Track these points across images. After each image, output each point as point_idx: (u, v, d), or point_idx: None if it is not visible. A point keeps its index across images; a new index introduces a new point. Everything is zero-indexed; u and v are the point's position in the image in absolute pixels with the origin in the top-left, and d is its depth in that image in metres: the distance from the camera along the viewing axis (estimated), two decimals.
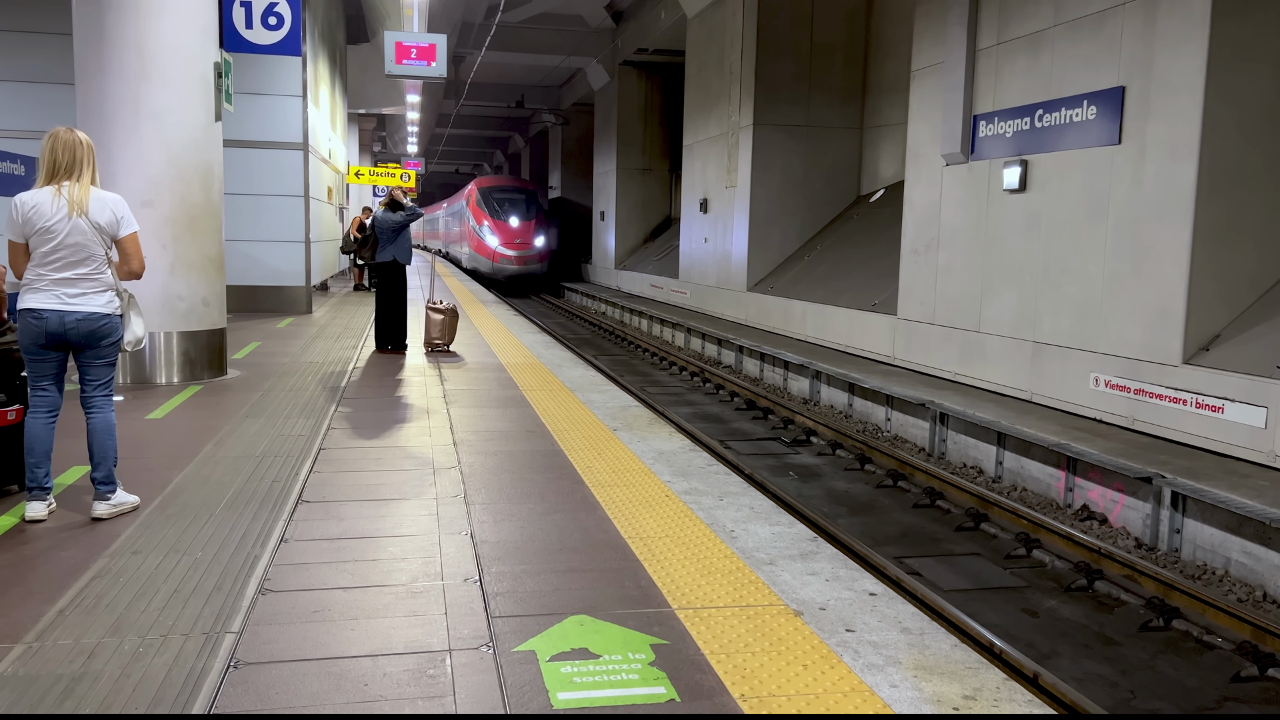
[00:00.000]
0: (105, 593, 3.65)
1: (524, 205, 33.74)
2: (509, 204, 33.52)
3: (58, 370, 4.62)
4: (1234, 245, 8.35)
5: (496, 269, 32.66)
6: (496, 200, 33.61)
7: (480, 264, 33.97)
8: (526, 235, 32.95)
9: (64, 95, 10.40)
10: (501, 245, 32.50)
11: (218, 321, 8.71)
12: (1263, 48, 8.17)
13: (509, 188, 35.04)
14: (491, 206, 33.39)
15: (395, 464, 5.75)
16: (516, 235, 32.73)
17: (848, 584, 3.90)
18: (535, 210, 33.79)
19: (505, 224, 32.76)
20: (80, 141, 4.54)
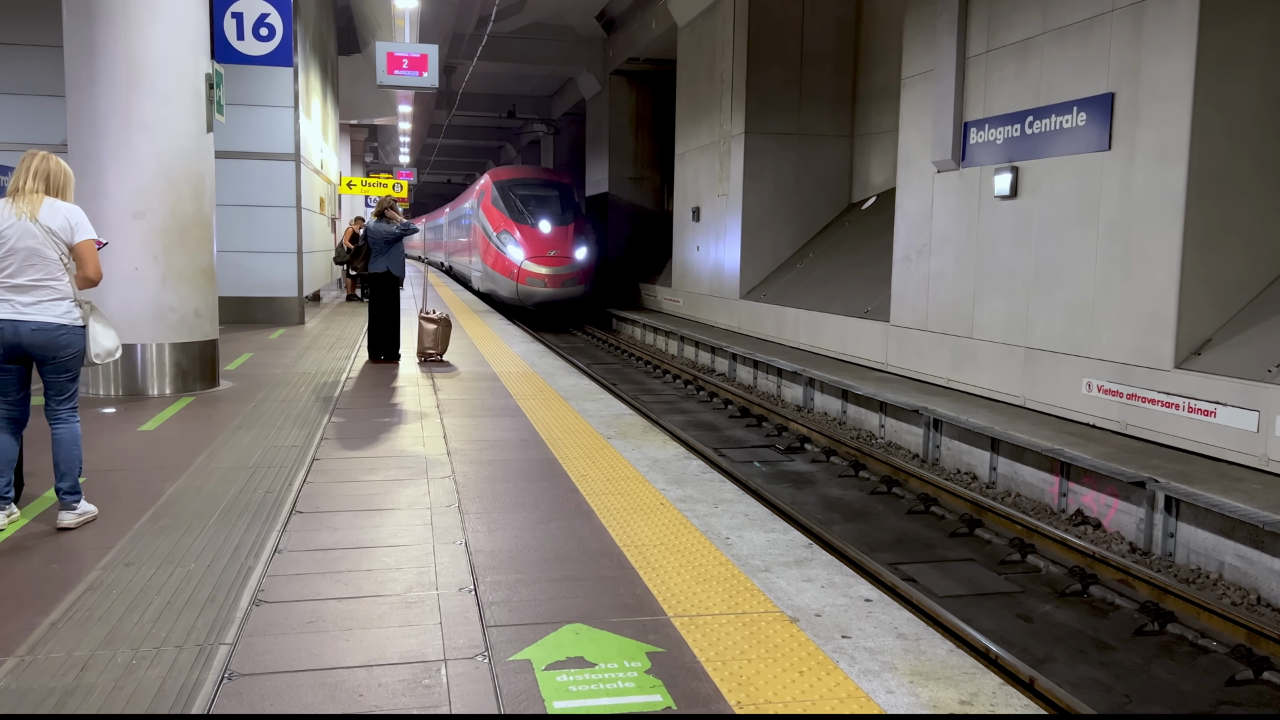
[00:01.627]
0: (98, 605, 3.63)
1: (557, 204, 24.82)
2: (537, 202, 24.68)
3: (19, 381, 4.61)
4: (1224, 249, 8.39)
5: (523, 293, 23.52)
6: (520, 197, 24.75)
7: (499, 285, 24.25)
8: (563, 245, 23.88)
9: (55, 107, 10.39)
10: (530, 259, 23.38)
11: (210, 333, 8.68)
12: (1249, 53, 8.23)
13: (536, 180, 25.95)
14: (513, 206, 24.50)
15: (389, 474, 5.73)
16: (549, 245, 23.71)
17: (843, 590, 3.90)
18: (572, 211, 24.89)
19: (533, 230, 23.91)
20: (49, 164, 4.57)
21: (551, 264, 23.59)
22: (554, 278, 23.58)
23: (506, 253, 23.80)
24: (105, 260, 7.85)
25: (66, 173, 4.64)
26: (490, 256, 24.80)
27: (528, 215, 24.27)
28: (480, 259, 26.21)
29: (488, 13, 22.92)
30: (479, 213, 26.38)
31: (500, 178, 25.83)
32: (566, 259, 23.81)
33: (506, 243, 23.96)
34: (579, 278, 23.94)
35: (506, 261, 23.79)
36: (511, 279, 23.64)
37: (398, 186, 26.91)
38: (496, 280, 24.42)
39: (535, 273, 23.39)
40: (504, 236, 24.10)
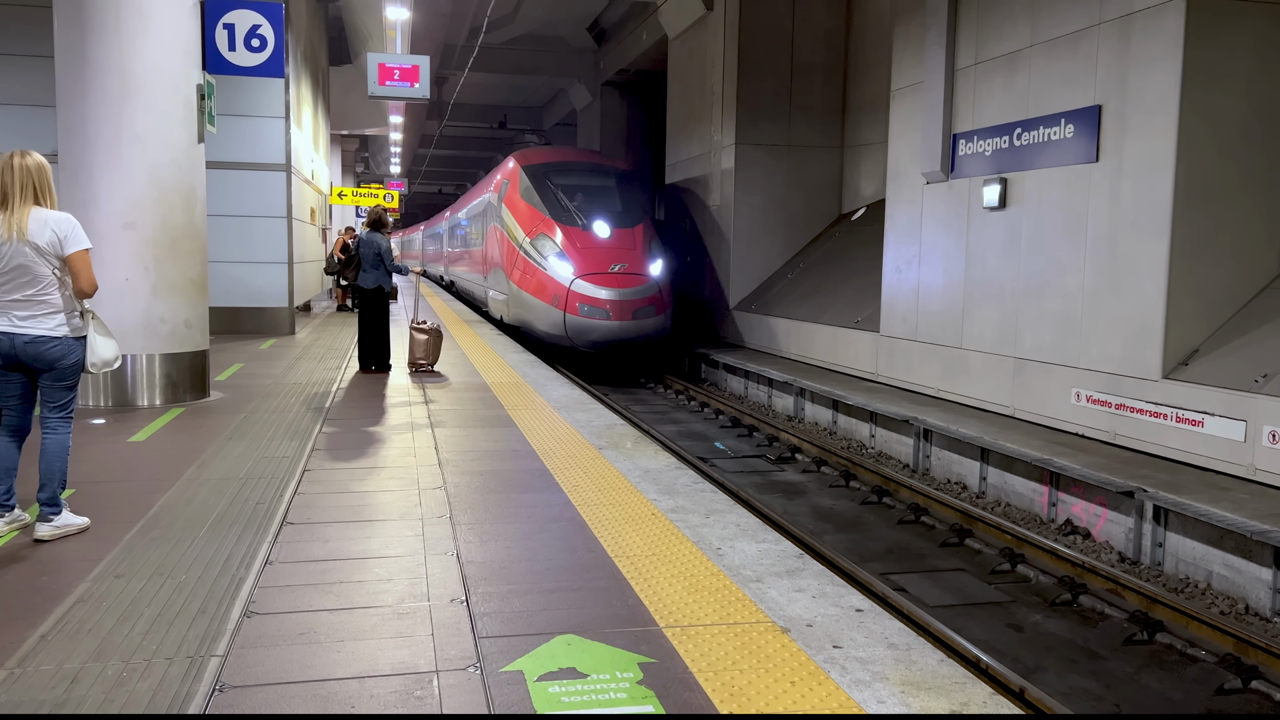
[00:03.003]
0: (88, 617, 3.62)
1: (615, 196, 17.59)
2: (587, 195, 17.38)
3: (21, 392, 4.62)
4: (1211, 260, 8.45)
5: (575, 327, 15.80)
6: (563, 188, 17.38)
7: (535, 315, 16.51)
8: (630, 255, 16.41)
9: (45, 118, 10.37)
10: (584, 277, 15.88)
11: (200, 343, 8.67)
12: (1235, 66, 8.31)
13: (584, 165, 18.45)
14: (553, 199, 17.14)
15: (380, 485, 5.73)
16: (611, 255, 16.31)
17: (834, 600, 3.91)
18: (637, 207, 17.55)
19: (586, 234, 16.53)
20: (28, 166, 4.51)
21: (617, 283, 15.68)
22: (621, 305, 15.57)
23: (547, 267, 16.06)
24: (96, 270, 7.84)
25: (44, 168, 4.58)
26: (520, 273, 16.87)
27: (576, 213, 16.69)
28: (503, 276, 18.06)
29: (479, 24, 22.96)
30: (500, 211, 18.51)
31: (532, 161, 18.08)
32: (639, 276, 15.96)
33: (546, 252, 16.21)
34: (656, 304, 15.93)
35: (547, 281, 16.00)
36: (555, 306, 15.72)
37: (389, 197, 26.91)
38: (530, 307, 16.37)
39: (593, 298, 15.52)
40: (542, 244, 16.35)
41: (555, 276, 15.94)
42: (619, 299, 15.60)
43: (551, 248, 16.31)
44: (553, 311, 15.85)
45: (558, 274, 15.93)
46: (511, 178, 18.48)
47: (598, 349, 16.08)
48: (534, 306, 16.39)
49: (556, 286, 15.84)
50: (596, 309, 15.53)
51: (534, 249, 16.56)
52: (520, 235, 17.11)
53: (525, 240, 16.84)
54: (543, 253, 16.35)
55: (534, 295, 16.35)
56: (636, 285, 15.91)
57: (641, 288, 15.94)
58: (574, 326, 15.65)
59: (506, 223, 18.05)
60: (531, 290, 16.43)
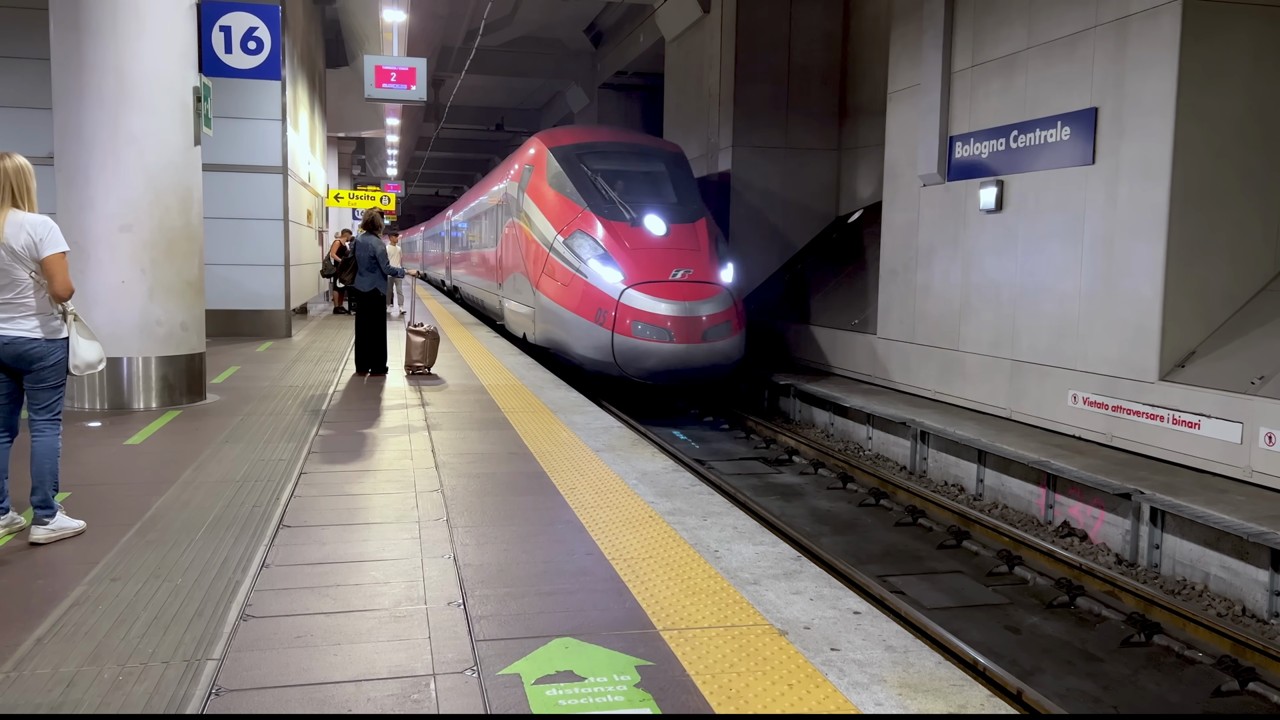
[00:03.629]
0: (84, 620, 3.61)
1: (669, 185, 14.46)
2: (631, 182, 14.23)
3: (7, 393, 4.63)
4: (1208, 262, 8.46)
5: (628, 351, 12.38)
6: (604, 173, 14.18)
7: (573, 335, 13.10)
8: (695, 258, 13.16)
9: (42, 120, 10.35)
10: (638, 287, 12.57)
11: (196, 346, 8.65)
12: (1231, 69, 8.32)
13: (626, 147, 15.13)
14: (591, 187, 13.89)
15: (377, 487, 5.72)
16: (671, 258, 13.03)
17: (831, 603, 3.90)
18: (694, 199, 14.38)
19: (637, 231, 13.32)
20: (7, 169, 4.51)
21: (681, 294, 12.34)
22: (688, 323, 12.12)
23: (587, 274, 12.73)
24: (92, 273, 7.86)
25: (23, 170, 4.57)
26: (550, 280, 13.51)
27: (622, 205, 13.43)
28: (525, 284, 14.71)
29: (476, 26, 22.96)
30: (522, 203, 15.18)
31: (561, 142, 14.81)
32: (709, 285, 12.64)
33: (586, 254, 12.90)
34: (732, 321, 12.53)
35: (587, 291, 12.66)
36: (599, 324, 12.41)
37: (385, 199, 26.90)
38: (565, 324, 13.01)
39: (651, 313, 12.13)
40: (580, 244, 13.09)
41: (599, 286, 12.47)
42: (686, 315, 12.08)
43: (593, 249, 12.86)
44: (596, 331, 12.33)
45: (602, 282, 12.47)
46: (536, 163, 14.94)
47: (655, 380, 12.44)
48: (570, 324, 12.81)
49: (601, 298, 12.36)
50: (655, 328, 12.02)
51: (569, 250, 13.08)
52: (550, 233, 13.62)
53: (557, 239, 13.37)
54: (581, 255, 12.91)
55: (570, 309, 12.82)
56: (707, 296, 12.39)
57: (713, 300, 12.41)
58: (625, 351, 12.11)
59: (530, 218, 14.59)
60: (566, 303, 12.92)
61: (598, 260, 12.73)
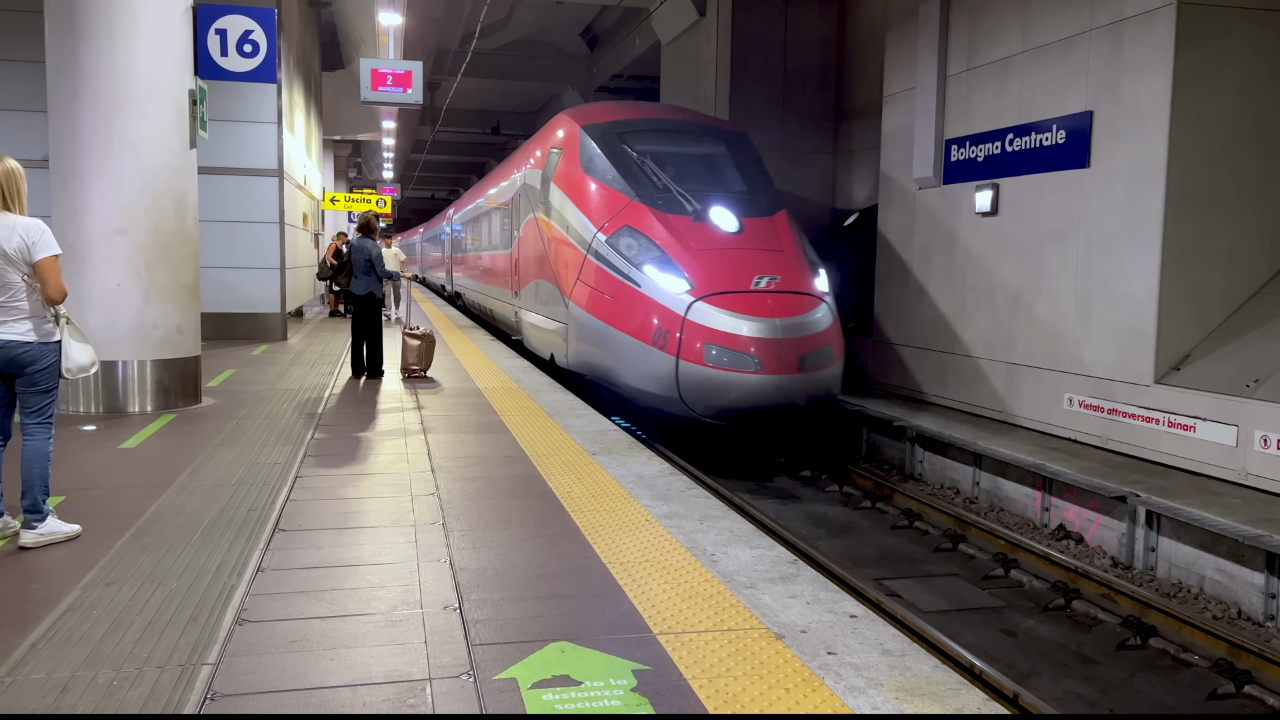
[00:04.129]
0: (79, 625, 3.60)
1: (734, 171, 11.79)
2: (688, 167, 11.52)
3: (1, 398, 4.62)
4: (1203, 265, 8.48)
5: (702, 385, 9.31)
6: (654, 156, 11.36)
7: (620, 360, 10.13)
8: (783, 263, 10.22)
9: (36, 123, 10.33)
10: (711, 300, 9.53)
11: (192, 349, 8.64)
12: (1226, 72, 8.35)
13: (677, 125, 12.48)
14: (639, 175, 11.04)
15: (373, 491, 5.71)
16: (750, 263, 10.05)
17: (828, 606, 3.90)
18: (769, 188, 11.83)
19: (702, 227, 10.43)
20: None
21: (770, 309, 9.63)
22: (782, 347, 9.40)
23: (641, 281, 10.09)
24: (87, 277, 7.84)
25: (14, 173, 4.56)
26: (591, 290, 10.76)
27: (681, 194, 10.72)
28: (553, 293, 12.01)
29: (472, 29, 22.97)
30: (548, 195, 12.38)
31: (596, 120, 12.08)
32: (804, 296, 9.96)
33: (639, 256, 10.28)
34: (834, 343, 9.92)
35: (640, 304, 10.00)
36: (658, 347, 9.69)
37: (381, 202, 26.89)
38: (610, 346, 10.35)
39: (731, 334, 9.37)
40: (629, 243, 10.44)
41: (657, 297, 9.68)
42: (777, 336, 9.26)
43: (646, 250, 10.11)
44: (653, 356, 9.55)
45: (662, 293, 9.68)
46: (566, 145, 12.04)
47: (733, 422, 9.53)
48: (618, 346, 10.05)
49: (660, 314, 9.58)
50: (735, 354, 9.15)
51: (614, 252, 10.32)
52: (587, 230, 10.86)
53: (597, 238, 10.60)
54: (631, 257, 10.15)
55: (617, 327, 10.06)
56: (803, 312, 9.59)
57: (811, 315, 9.62)
58: (694, 383, 9.26)
59: (560, 212, 11.71)
60: (612, 319, 10.16)
61: (654, 264, 9.92)
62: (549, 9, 23.98)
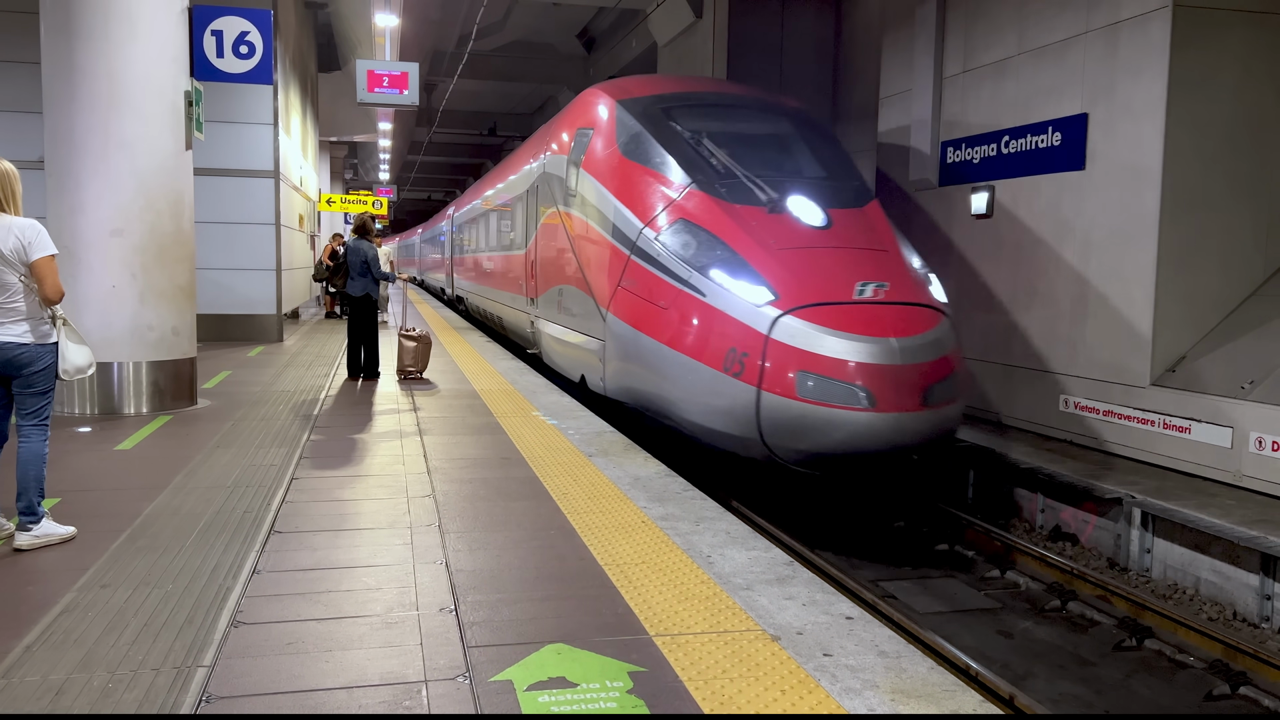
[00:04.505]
0: (74, 628, 3.59)
1: (808, 154, 9.49)
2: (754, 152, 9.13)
3: None
4: (1198, 267, 8.50)
5: (793, 424, 7.07)
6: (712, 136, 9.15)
7: (679, 389, 7.86)
8: (888, 264, 8.05)
9: (32, 124, 10.32)
10: (804, 314, 7.26)
11: (188, 351, 8.63)
12: (1221, 74, 8.37)
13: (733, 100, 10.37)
14: (695, 157, 8.89)
15: (369, 493, 5.70)
16: (848, 265, 7.86)
17: (824, 608, 3.90)
18: (854, 174, 9.55)
19: (780, 220, 8.19)
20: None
21: (883, 325, 7.34)
22: (901, 376, 7.13)
23: (705, 290, 7.91)
24: (83, 278, 7.83)
25: (8, 175, 4.57)
26: (637, 299, 8.67)
27: (750, 179, 8.70)
28: (585, 302, 10.02)
29: (468, 31, 22.96)
30: (574, 183, 10.49)
31: (634, 93, 10.28)
32: (923, 309, 7.74)
33: (698, 255, 8.18)
34: (958, 370, 7.76)
35: (706, 318, 7.84)
36: (730, 374, 7.44)
37: (377, 204, 26.87)
38: (667, 370, 8.08)
39: (833, 359, 7.09)
40: (685, 240, 8.37)
41: (728, 309, 7.60)
42: (898, 362, 7.13)
43: (711, 248, 8.04)
44: (724, 385, 7.44)
45: (736, 303, 7.58)
46: (600, 125, 10.06)
47: (829, 469, 7.46)
48: (674, 369, 7.92)
49: (734, 331, 7.49)
50: (840, 385, 7.03)
51: (667, 251, 8.25)
52: (630, 225, 8.79)
53: (644, 234, 8.55)
54: (691, 258, 8.06)
55: (674, 346, 7.93)
56: (924, 329, 7.45)
57: (934, 335, 7.49)
58: (783, 421, 7.15)
59: (592, 204, 9.71)
60: (666, 335, 8.05)
61: (723, 267, 7.79)
62: (546, 11, 24.00)
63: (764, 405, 7.19)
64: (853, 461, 7.28)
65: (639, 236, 8.69)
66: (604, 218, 9.43)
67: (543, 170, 12.37)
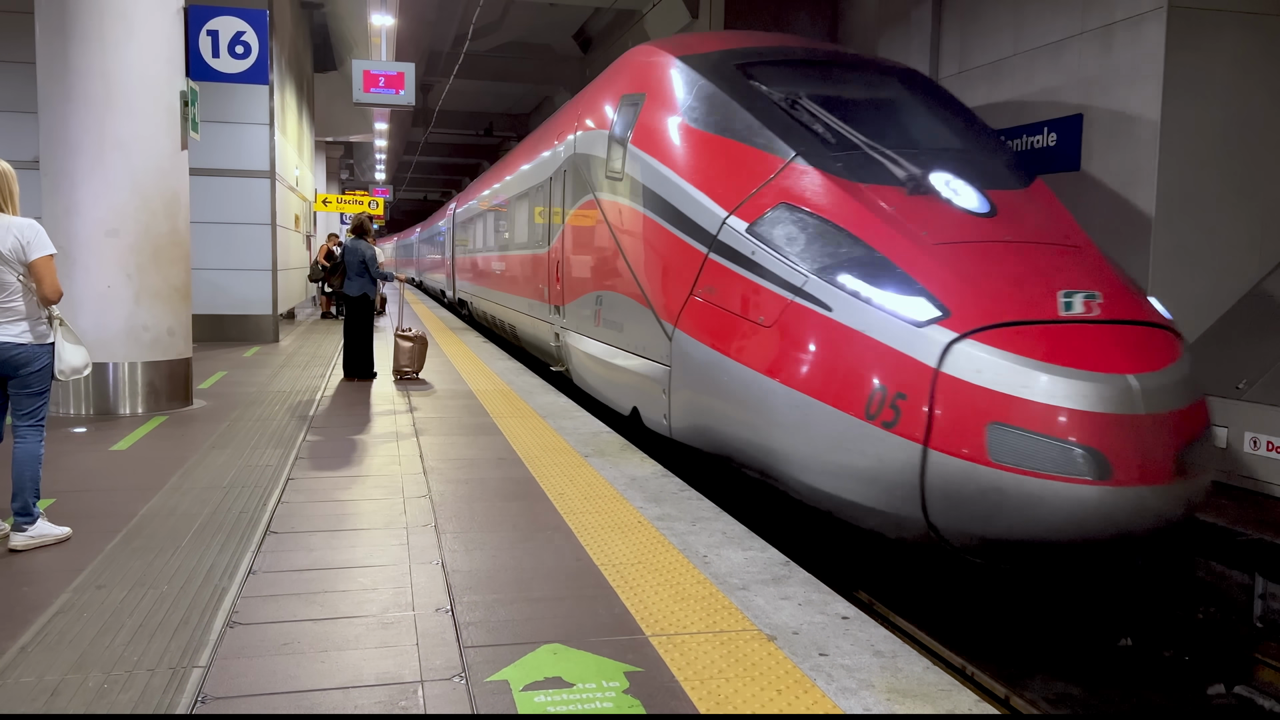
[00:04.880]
0: (69, 628, 3.59)
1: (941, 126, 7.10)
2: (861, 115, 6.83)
3: None
4: (1192, 269, 8.51)
5: (979, 503, 4.74)
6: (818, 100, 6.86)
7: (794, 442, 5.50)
8: (1101, 276, 5.63)
9: (27, 124, 10.31)
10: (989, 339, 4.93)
11: (183, 351, 8.62)
12: (1216, 76, 8.39)
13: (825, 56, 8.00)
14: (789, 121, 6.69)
15: (365, 493, 5.70)
16: (1046, 271, 5.49)
17: (820, 608, 3.91)
18: (1001, 149, 7.23)
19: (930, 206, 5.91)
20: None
21: (1113, 356, 4.97)
22: (1152, 435, 4.79)
23: (831, 301, 5.54)
24: (78, 278, 7.82)
25: (5, 174, 4.57)
26: (719, 315, 6.39)
27: (878, 152, 6.35)
28: (639, 313, 7.70)
29: (465, 31, 22.95)
30: (620, 162, 8.29)
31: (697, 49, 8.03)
32: (1159, 332, 5.42)
33: (823, 255, 5.78)
34: (1206, 424, 5.31)
35: (835, 341, 5.46)
36: (885, 426, 5.06)
37: (373, 204, 26.85)
38: (774, 413, 5.68)
39: (1052, 407, 4.72)
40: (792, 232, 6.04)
41: (872, 329, 5.36)
42: (1142, 411, 4.86)
43: (838, 243, 5.87)
44: (866, 438, 5.21)
45: (881, 321, 5.34)
46: (656, 87, 8.03)
47: (1025, 558, 5.12)
48: (784, 412, 5.69)
49: (882, 362, 5.25)
50: (1057, 445, 4.73)
51: (770, 246, 6.13)
52: (706, 212, 6.79)
53: (731, 225, 6.50)
54: (810, 258, 5.89)
55: (781, 379, 5.73)
56: (1165, 363, 5.21)
57: (1180, 373, 5.25)
58: (964, 495, 4.88)
59: (648, 188, 7.62)
60: (769, 364, 5.84)
61: (857, 270, 5.62)
62: (542, 11, 24.00)
63: (932, 470, 4.89)
64: (1063, 554, 4.95)
65: (721, 228, 6.48)
66: (665, 204, 7.25)
67: (572, 152, 10.24)
